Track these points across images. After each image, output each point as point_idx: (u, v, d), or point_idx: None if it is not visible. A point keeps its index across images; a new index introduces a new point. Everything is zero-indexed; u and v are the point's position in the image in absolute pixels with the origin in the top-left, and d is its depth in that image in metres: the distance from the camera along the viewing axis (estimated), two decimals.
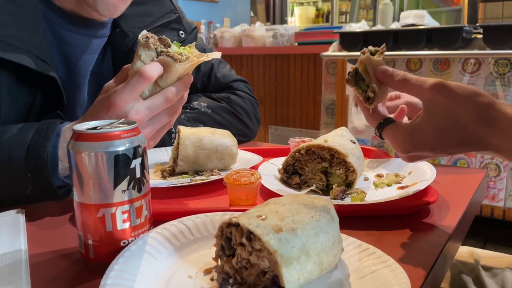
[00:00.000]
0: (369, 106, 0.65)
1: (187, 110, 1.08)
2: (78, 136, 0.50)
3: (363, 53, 0.65)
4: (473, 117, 0.53)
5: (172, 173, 0.88)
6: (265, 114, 3.54)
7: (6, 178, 0.69)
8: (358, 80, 0.66)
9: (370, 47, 0.66)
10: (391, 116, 0.66)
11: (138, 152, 0.51)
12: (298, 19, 6.32)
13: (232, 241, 0.47)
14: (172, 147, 0.93)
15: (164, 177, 0.87)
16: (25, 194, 0.69)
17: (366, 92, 0.65)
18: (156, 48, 0.67)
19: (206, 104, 1.11)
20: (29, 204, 0.71)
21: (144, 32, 0.67)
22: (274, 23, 5.83)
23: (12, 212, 0.68)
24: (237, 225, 0.46)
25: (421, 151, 0.58)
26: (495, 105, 0.53)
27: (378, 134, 0.64)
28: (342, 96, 2.87)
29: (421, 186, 0.70)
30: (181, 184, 0.81)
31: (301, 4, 6.46)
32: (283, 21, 5.95)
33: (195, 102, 1.11)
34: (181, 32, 1.08)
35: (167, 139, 1.02)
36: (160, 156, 0.99)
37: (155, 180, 0.85)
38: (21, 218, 0.66)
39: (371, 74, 0.64)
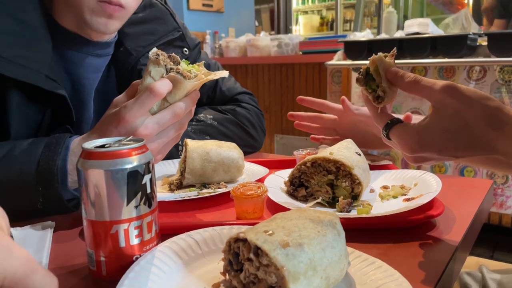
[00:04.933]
0: (378, 105, 0.66)
1: (193, 123, 1.09)
2: (88, 155, 0.51)
3: (373, 60, 0.66)
4: (482, 120, 0.54)
5: (180, 186, 0.89)
6: (271, 123, 3.55)
7: (17, 192, 0.70)
8: (368, 80, 0.67)
9: (380, 53, 0.66)
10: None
11: (148, 168, 0.52)
12: (302, 27, 6.35)
13: (240, 256, 0.47)
14: (179, 159, 0.94)
15: (171, 190, 0.88)
16: (36, 208, 0.70)
17: (376, 92, 0.66)
18: (165, 65, 0.68)
19: (212, 116, 1.13)
20: (39, 218, 0.73)
21: (155, 49, 0.68)
22: (278, 32, 5.86)
23: (44, 224, 0.68)
24: (244, 240, 0.46)
25: (427, 151, 0.58)
26: (504, 109, 0.54)
27: (385, 134, 0.64)
28: None
29: (427, 198, 0.70)
30: (188, 198, 0.82)
31: (306, 12, 6.50)
32: (287, 30, 5.97)
33: (201, 115, 1.12)
34: (185, 49, 1.10)
35: (174, 152, 1.03)
36: (167, 168, 1.00)
37: (163, 193, 0.86)
38: (49, 232, 0.66)
39: (382, 74, 0.65)
